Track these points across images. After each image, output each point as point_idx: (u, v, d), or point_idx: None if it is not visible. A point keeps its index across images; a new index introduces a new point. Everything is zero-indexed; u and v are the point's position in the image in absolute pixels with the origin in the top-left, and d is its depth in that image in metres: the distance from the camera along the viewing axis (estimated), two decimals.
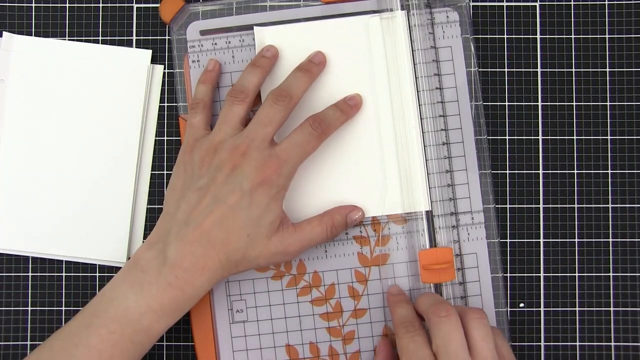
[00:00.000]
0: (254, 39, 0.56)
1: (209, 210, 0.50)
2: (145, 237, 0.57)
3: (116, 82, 0.57)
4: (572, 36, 0.58)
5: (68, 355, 0.48)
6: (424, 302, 0.51)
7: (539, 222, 0.57)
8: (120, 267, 0.57)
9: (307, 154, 0.52)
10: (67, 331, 0.50)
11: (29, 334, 0.57)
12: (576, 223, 0.57)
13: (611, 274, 0.57)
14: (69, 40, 0.58)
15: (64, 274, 0.57)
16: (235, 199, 0.50)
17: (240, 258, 0.51)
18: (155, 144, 0.57)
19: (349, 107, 0.54)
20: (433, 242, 0.55)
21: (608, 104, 0.57)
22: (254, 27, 0.56)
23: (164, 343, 0.57)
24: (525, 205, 0.57)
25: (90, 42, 0.58)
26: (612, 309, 0.57)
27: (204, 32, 0.57)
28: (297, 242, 0.52)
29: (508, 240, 0.57)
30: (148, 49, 0.57)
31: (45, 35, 0.58)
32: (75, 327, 0.49)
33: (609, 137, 0.57)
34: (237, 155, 0.51)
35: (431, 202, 0.56)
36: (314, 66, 0.54)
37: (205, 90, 0.55)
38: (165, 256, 0.50)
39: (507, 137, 0.57)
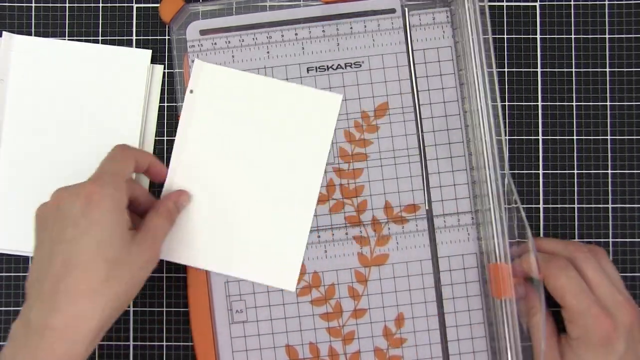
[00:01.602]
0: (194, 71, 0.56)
1: (50, 258, 0.46)
2: None
3: (116, 81, 0.57)
4: (572, 36, 0.58)
5: None
6: (556, 244, 0.53)
7: (539, 222, 0.57)
8: None
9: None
10: None
11: None
12: (576, 223, 0.57)
13: None
14: (69, 40, 0.58)
15: None
16: (71, 232, 0.46)
17: (114, 290, 0.46)
18: (155, 144, 0.57)
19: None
20: (433, 243, 0.55)
21: (608, 104, 0.57)
22: (195, 60, 0.56)
23: (164, 343, 0.57)
24: (525, 205, 0.57)
25: (90, 42, 0.58)
26: None
27: (203, 32, 0.57)
28: (152, 240, 0.50)
29: (507, 240, 0.57)
30: (148, 48, 0.57)
31: (45, 35, 0.58)
32: None
33: (609, 137, 0.57)
34: (54, 200, 0.48)
35: (431, 202, 0.56)
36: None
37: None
38: (28, 320, 0.45)
39: (507, 137, 0.57)
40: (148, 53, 0.57)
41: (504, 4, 0.58)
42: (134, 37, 0.58)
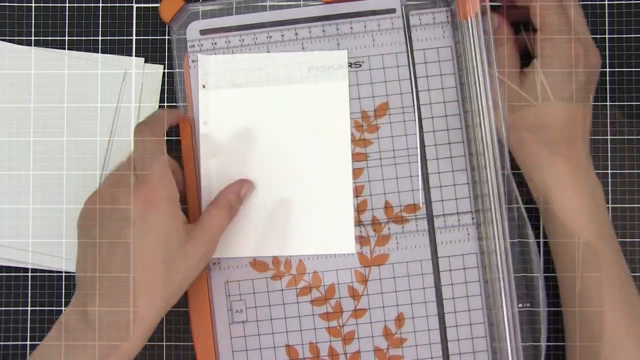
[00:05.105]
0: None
1: (108, 256, 0.47)
2: None
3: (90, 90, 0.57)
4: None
5: None
6: None
7: (540, 222, 0.57)
8: None
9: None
10: None
11: (28, 334, 0.57)
12: None
13: None
14: (68, 39, 0.58)
15: (63, 274, 0.57)
16: (129, 234, 0.47)
17: (170, 289, 0.48)
18: None
19: None
20: (433, 243, 0.55)
21: (608, 104, 0.57)
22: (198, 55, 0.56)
23: (164, 343, 0.57)
24: (526, 205, 0.57)
25: (90, 41, 0.58)
26: None
27: (203, 32, 0.57)
28: (209, 237, 0.51)
29: (508, 240, 0.57)
30: (147, 48, 0.57)
31: (45, 35, 0.58)
32: None
33: (609, 137, 0.57)
34: (108, 198, 0.48)
35: (431, 202, 0.56)
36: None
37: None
38: (86, 312, 0.47)
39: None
40: (121, 70, 0.57)
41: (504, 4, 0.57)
42: (134, 37, 0.58)
